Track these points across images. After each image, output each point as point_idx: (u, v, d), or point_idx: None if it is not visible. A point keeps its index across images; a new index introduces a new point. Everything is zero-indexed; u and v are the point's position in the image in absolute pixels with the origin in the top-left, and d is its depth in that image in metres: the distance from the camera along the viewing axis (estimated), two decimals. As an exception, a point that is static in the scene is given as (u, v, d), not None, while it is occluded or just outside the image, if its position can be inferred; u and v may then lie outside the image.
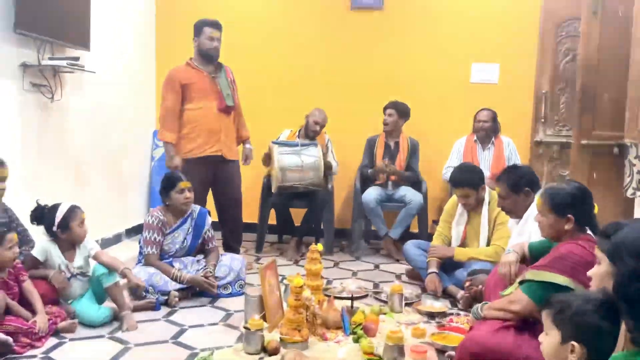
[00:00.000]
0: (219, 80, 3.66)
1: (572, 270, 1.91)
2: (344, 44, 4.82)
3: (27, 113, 3.27)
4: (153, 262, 3.11)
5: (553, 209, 2.08)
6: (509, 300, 2.04)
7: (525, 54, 4.62)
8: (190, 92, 3.59)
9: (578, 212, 2.05)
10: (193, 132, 3.62)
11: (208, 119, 3.62)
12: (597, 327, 1.30)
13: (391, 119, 4.38)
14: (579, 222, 2.06)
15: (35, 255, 2.69)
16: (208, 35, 3.60)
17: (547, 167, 4.62)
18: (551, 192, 2.11)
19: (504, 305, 2.05)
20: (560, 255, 1.96)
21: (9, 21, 2.99)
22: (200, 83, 3.61)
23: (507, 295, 2.11)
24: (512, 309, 2.01)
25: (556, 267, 1.93)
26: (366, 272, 3.90)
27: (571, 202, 2.06)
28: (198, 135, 3.62)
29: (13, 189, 2.86)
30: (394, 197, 4.33)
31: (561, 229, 2.08)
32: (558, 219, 2.08)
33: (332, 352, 2.42)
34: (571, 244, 1.99)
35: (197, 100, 3.61)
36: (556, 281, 1.90)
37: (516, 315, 2.01)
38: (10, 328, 2.30)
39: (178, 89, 3.58)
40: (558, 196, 2.09)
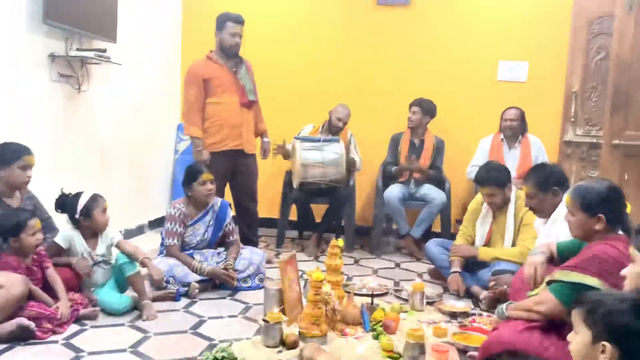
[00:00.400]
0: (240, 74, 3.66)
1: (603, 272, 1.84)
2: (370, 40, 4.77)
3: (54, 103, 3.31)
4: (174, 253, 3.12)
5: (583, 208, 2.01)
6: (536, 301, 1.97)
7: (555, 51, 4.51)
8: (211, 86, 3.61)
9: (609, 211, 1.97)
10: (214, 126, 3.64)
11: (230, 113, 3.64)
12: (631, 328, 1.25)
13: (415, 116, 4.32)
14: (610, 222, 1.98)
15: (58, 242, 2.73)
16: (230, 31, 3.60)
17: (575, 168, 4.51)
18: (581, 191, 2.04)
19: (530, 305, 1.98)
20: (591, 255, 1.89)
21: (38, 12, 3.04)
22: (221, 78, 3.63)
23: (534, 295, 2.04)
24: (538, 310, 1.94)
25: (586, 268, 1.86)
26: (387, 270, 3.86)
27: (602, 201, 1.98)
28: (220, 129, 3.64)
29: (39, 178, 2.90)
30: (417, 195, 4.27)
31: (591, 228, 2.00)
32: (588, 218, 2.00)
33: (351, 347, 2.39)
34: (602, 244, 1.92)
35: (218, 95, 3.62)
36: (586, 282, 1.83)
37: (543, 317, 1.95)
38: (33, 313, 2.33)
39: (200, 83, 3.60)
40: (589, 195, 2.01)
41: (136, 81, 4.25)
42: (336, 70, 4.82)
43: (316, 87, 4.83)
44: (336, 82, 4.79)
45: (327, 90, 4.76)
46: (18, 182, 2.68)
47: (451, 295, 3.20)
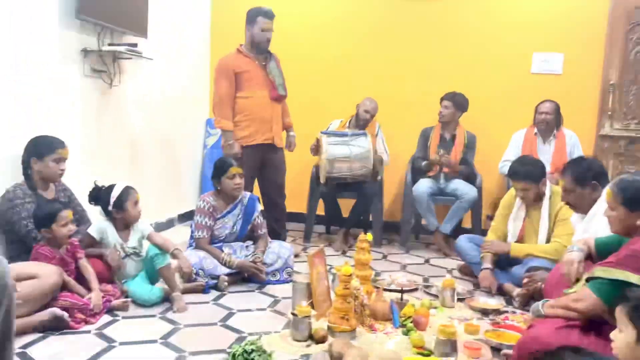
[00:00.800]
0: (270, 68, 3.65)
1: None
2: (400, 33, 4.70)
3: (87, 98, 3.36)
4: (203, 246, 3.14)
5: (624, 202, 1.93)
6: (574, 299, 1.90)
7: (592, 43, 4.37)
8: (242, 80, 3.61)
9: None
10: (245, 120, 3.64)
11: (260, 107, 3.64)
12: None
13: (447, 111, 4.25)
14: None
15: (91, 233, 2.77)
16: (262, 27, 3.60)
17: (612, 163, 4.36)
18: (623, 185, 1.95)
19: (568, 303, 1.91)
20: (633, 251, 1.81)
21: (71, 8, 3.08)
22: (252, 71, 3.63)
23: (572, 293, 1.97)
24: (577, 308, 1.87)
25: (628, 265, 1.78)
26: (416, 266, 3.81)
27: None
28: (250, 123, 3.64)
29: (72, 170, 2.96)
30: (446, 190, 4.20)
31: (632, 224, 1.92)
32: (629, 213, 1.92)
33: (380, 343, 2.36)
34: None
35: (249, 89, 3.63)
36: (628, 280, 1.76)
37: (581, 315, 1.88)
38: (66, 304, 2.37)
39: (232, 76, 3.60)
40: (630, 189, 1.93)
41: (166, 76, 4.28)
42: (365, 64, 4.76)
43: (344, 81, 4.79)
44: (365, 76, 4.74)
45: (355, 84, 4.71)
46: (52, 174, 2.73)
47: (482, 292, 3.13)
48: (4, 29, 2.70)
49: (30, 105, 2.89)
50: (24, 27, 2.83)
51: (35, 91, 2.93)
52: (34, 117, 2.91)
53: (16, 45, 2.78)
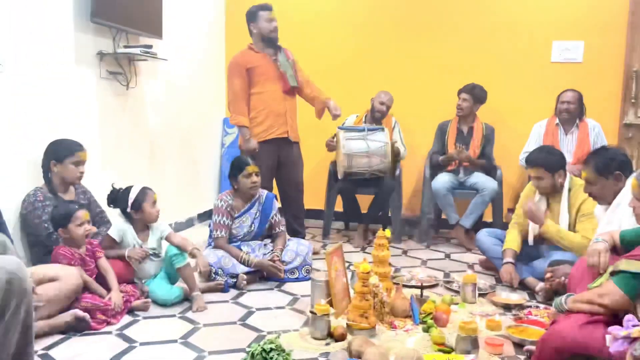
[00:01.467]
0: (280, 61, 3.65)
1: None
2: (415, 25, 4.65)
3: (104, 100, 3.40)
4: (222, 245, 3.15)
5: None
6: (599, 293, 1.85)
7: (613, 29, 4.25)
8: (254, 76, 3.65)
9: None
10: (260, 115, 3.66)
11: (273, 101, 3.65)
12: None
13: (466, 104, 4.18)
14: None
15: (111, 235, 2.79)
16: (265, 18, 3.64)
17: (637, 152, 4.24)
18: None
19: (592, 297, 1.86)
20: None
21: (85, 11, 3.11)
22: (263, 66, 3.65)
23: (596, 287, 1.92)
24: (602, 302, 1.82)
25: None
26: (436, 261, 3.76)
27: None
28: (265, 118, 3.66)
29: (91, 173, 2.99)
30: (466, 184, 4.14)
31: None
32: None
33: (400, 340, 2.33)
34: None
35: (261, 84, 3.65)
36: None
37: (606, 310, 1.82)
38: (88, 305, 2.40)
39: (243, 73, 3.64)
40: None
41: (182, 76, 4.30)
42: (380, 59, 4.72)
43: (359, 77, 4.75)
44: (380, 70, 4.70)
45: (370, 79, 4.67)
46: (71, 177, 2.77)
47: (504, 286, 3.08)
48: (20, 34, 2.73)
49: (48, 109, 2.93)
50: (40, 32, 2.86)
51: (52, 95, 2.96)
52: (52, 121, 2.95)
53: (32, 49, 2.82)
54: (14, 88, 2.71)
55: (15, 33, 2.70)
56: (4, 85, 2.64)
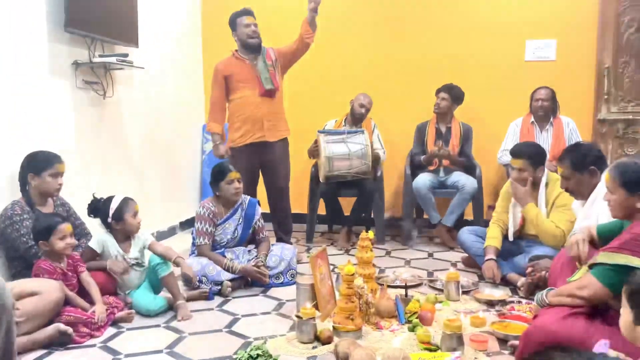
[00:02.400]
0: (257, 65, 3.65)
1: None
2: (391, 26, 4.69)
3: (80, 110, 3.36)
4: (205, 252, 3.13)
5: (624, 185, 1.92)
6: (578, 286, 1.89)
7: (584, 27, 4.35)
8: (232, 82, 3.68)
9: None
10: (237, 121, 3.69)
11: (250, 106, 3.66)
12: None
13: (444, 102, 4.24)
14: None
15: (92, 247, 2.76)
16: (243, 24, 3.64)
17: (612, 146, 4.34)
18: (621, 168, 1.94)
19: (572, 290, 1.90)
20: (635, 235, 1.80)
21: (59, 21, 3.07)
22: (241, 73, 3.66)
23: (576, 280, 1.96)
24: (581, 295, 1.86)
25: (631, 249, 1.77)
26: (420, 260, 3.80)
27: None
28: (242, 124, 3.67)
29: (70, 184, 2.95)
30: (447, 183, 4.19)
31: (633, 207, 1.91)
32: (629, 196, 1.91)
33: (386, 341, 2.35)
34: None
35: (239, 90, 3.67)
36: (631, 264, 1.74)
37: (586, 302, 1.86)
38: (70, 318, 2.36)
39: (221, 81, 3.68)
40: (629, 172, 1.92)
41: (160, 84, 4.28)
42: (357, 61, 4.75)
43: (338, 80, 4.77)
44: (358, 73, 4.73)
45: (348, 82, 4.70)
46: (50, 189, 2.73)
47: (487, 283, 3.12)
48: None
49: (23, 121, 2.89)
50: (13, 43, 2.82)
51: (27, 107, 2.92)
52: (28, 133, 2.91)
53: (5, 61, 2.77)
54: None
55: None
56: (-23, 98, 2.60)
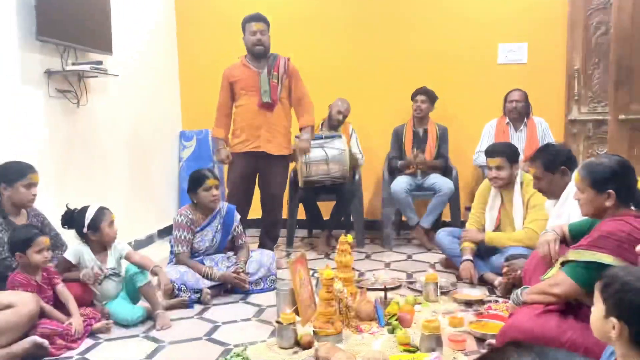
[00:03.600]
0: (261, 75, 3.65)
1: (618, 249, 1.80)
2: (365, 31, 4.74)
3: (54, 119, 3.31)
4: (184, 260, 3.11)
5: (592, 184, 1.97)
6: (551, 283, 1.93)
7: (554, 30, 4.46)
8: (237, 89, 3.71)
9: (619, 186, 1.93)
10: (238, 128, 3.74)
11: (249, 114, 3.68)
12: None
13: (424, 105, 4.29)
14: (621, 198, 1.93)
15: (68, 258, 2.72)
16: (250, 30, 3.65)
17: (583, 146, 4.45)
18: (590, 167, 1.99)
19: (545, 288, 1.94)
20: (604, 233, 1.85)
21: (31, 29, 3.03)
22: (245, 80, 3.68)
23: (548, 278, 2.01)
24: (554, 292, 1.90)
25: (600, 246, 1.82)
26: (399, 262, 3.83)
27: (611, 177, 1.93)
28: (242, 131, 3.71)
29: (44, 195, 2.91)
30: (424, 186, 4.24)
31: (601, 205, 1.96)
32: (598, 195, 1.96)
33: (367, 344, 2.37)
34: (615, 220, 1.88)
35: (242, 97, 3.71)
36: (600, 261, 1.79)
37: (558, 299, 1.91)
38: (46, 331, 2.33)
39: (227, 86, 3.73)
40: (597, 171, 1.97)
41: (135, 91, 4.24)
42: (333, 66, 4.78)
43: (314, 85, 4.76)
44: (334, 78, 4.75)
45: (325, 87, 4.70)
46: (23, 200, 2.68)
47: (465, 283, 3.16)
48: (-38, 56, 2.64)
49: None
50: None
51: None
52: (0, 143, 2.86)
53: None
54: (-43, 111, 2.61)
55: (-44, 54, 2.61)
56: (-55, 109, 2.55)
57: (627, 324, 1.22)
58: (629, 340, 1.22)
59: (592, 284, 1.77)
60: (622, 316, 1.22)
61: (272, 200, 3.81)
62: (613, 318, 1.23)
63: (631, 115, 3.52)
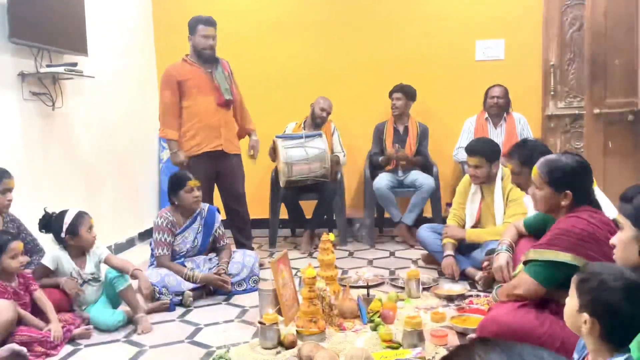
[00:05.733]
0: (215, 74, 3.62)
1: (577, 246, 1.81)
2: (345, 28, 4.74)
3: (28, 122, 3.25)
4: (165, 263, 3.08)
5: (550, 183, 1.97)
6: (514, 284, 1.97)
7: (530, 27, 4.51)
8: (186, 88, 3.59)
9: (577, 188, 1.94)
10: (192, 129, 3.61)
11: (206, 114, 3.60)
12: (615, 307, 1.22)
13: (400, 102, 4.31)
14: (577, 198, 1.94)
15: (45, 264, 2.68)
16: (202, 34, 3.57)
17: (560, 141, 4.52)
18: (549, 166, 1.99)
19: (509, 289, 1.98)
20: (562, 230, 1.86)
21: (3, 31, 2.97)
22: (196, 79, 3.60)
23: (514, 276, 2.04)
24: (517, 293, 1.93)
25: (558, 245, 1.84)
26: (382, 259, 3.84)
27: (570, 178, 1.94)
28: (198, 131, 3.61)
29: (20, 200, 2.85)
30: (405, 183, 4.26)
31: (557, 203, 1.97)
32: (555, 193, 1.96)
33: (350, 341, 2.37)
34: (572, 217, 1.89)
35: (194, 97, 3.60)
36: (559, 259, 1.81)
37: (522, 298, 1.93)
38: (24, 338, 2.28)
39: (174, 85, 3.58)
40: (556, 170, 1.97)
41: (112, 93, 4.18)
42: (313, 65, 4.77)
43: (294, 83, 4.79)
44: (314, 76, 4.75)
45: (306, 85, 4.72)
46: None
47: (446, 279, 3.19)
48: None
49: (-33, 137, 2.78)
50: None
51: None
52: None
53: (-54, 75, 2.66)
54: None
55: None
56: None
57: (598, 320, 1.23)
58: (600, 336, 1.23)
59: (553, 281, 1.82)
60: (594, 313, 1.24)
61: (237, 199, 3.77)
62: (585, 314, 1.25)
63: (606, 110, 3.59)
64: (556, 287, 1.74)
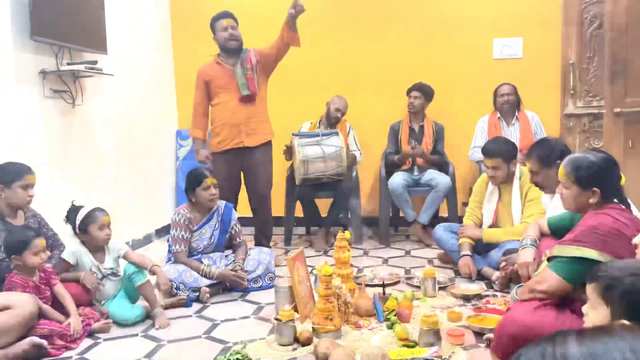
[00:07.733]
0: (236, 70, 3.64)
1: (603, 243, 1.78)
2: (361, 27, 4.73)
3: (49, 120, 3.30)
4: (182, 259, 3.11)
5: (577, 181, 1.94)
6: (537, 281, 1.93)
7: (548, 25, 4.46)
8: (212, 87, 3.67)
9: (604, 185, 1.91)
10: (217, 126, 3.69)
11: (228, 112, 3.65)
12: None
13: (417, 101, 4.30)
14: (605, 195, 1.91)
15: (65, 258, 2.72)
16: (221, 27, 3.62)
17: (579, 140, 4.45)
18: (576, 163, 1.96)
19: (532, 286, 1.94)
20: (589, 227, 1.83)
21: (25, 29, 3.02)
22: (220, 78, 3.65)
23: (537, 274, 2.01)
24: (540, 289, 1.90)
25: (584, 241, 1.81)
26: (397, 258, 3.84)
27: (597, 175, 1.91)
28: (221, 129, 3.67)
29: (41, 195, 2.90)
30: (421, 182, 4.25)
31: (585, 202, 1.94)
32: (583, 191, 1.93)
33: (366, 339, 2.37)
34: (599, 214, 1.86)
35: (219, 95, 3.67)
36: (585, 255, 1.79)
37: (546, 295, 1.90)
38: (45, 331, 2.33)
39: (202, 86, 3.68)
40: (583, 168, 1.94)
41: (130, 90, 4.23)
42: (329, 64, 4.77)
43: (311, 83, 4.79)
44: (330, 75, 4.75)
45: (322, 84, 4.72)
46: (20, 201, 2.67)
47: (463, 278, 3.17)
48: (-44, 57, 2.63)
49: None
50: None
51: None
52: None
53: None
54: (-48, 113, 2.60)
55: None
56: (-60, 111, 2.54)
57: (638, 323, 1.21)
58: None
59: (578, 278, 1.79)
60: (635, 317, 1.19)
61: (260, 200, 3.79)
62: (624, 321, 1.22)
63: (627, 109, 3.53)
64: (581, 285, 1.72)
